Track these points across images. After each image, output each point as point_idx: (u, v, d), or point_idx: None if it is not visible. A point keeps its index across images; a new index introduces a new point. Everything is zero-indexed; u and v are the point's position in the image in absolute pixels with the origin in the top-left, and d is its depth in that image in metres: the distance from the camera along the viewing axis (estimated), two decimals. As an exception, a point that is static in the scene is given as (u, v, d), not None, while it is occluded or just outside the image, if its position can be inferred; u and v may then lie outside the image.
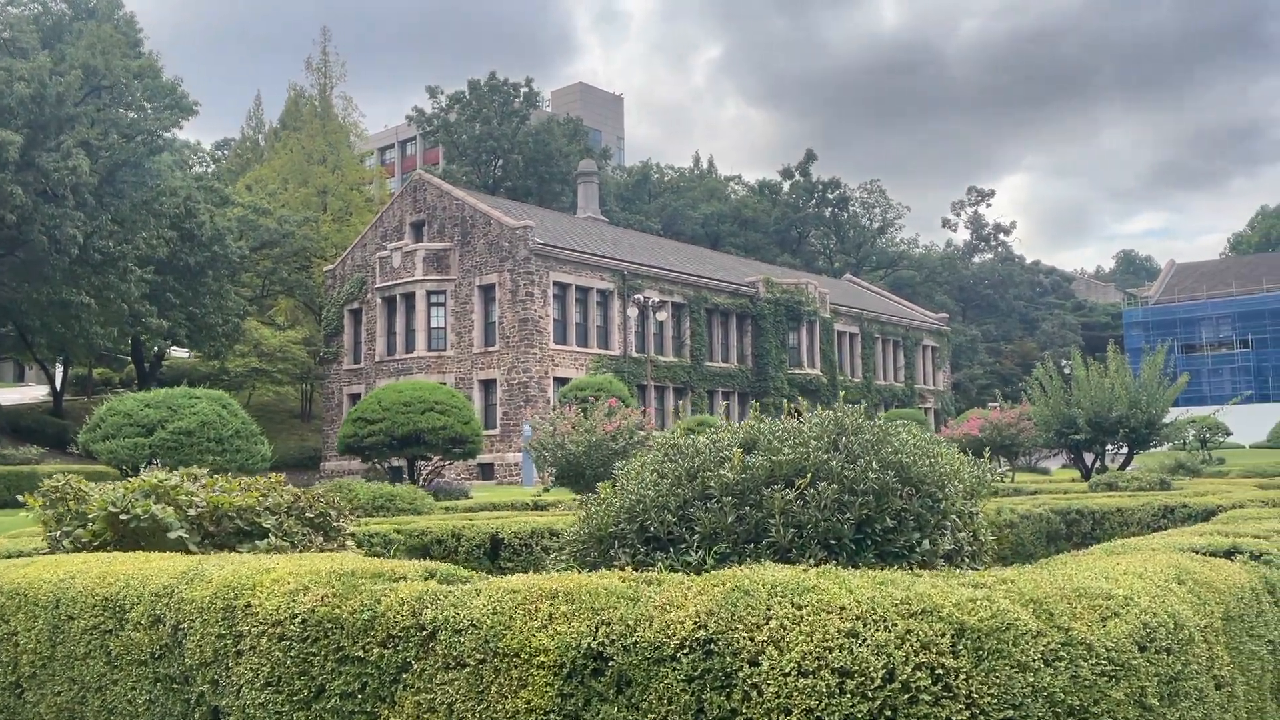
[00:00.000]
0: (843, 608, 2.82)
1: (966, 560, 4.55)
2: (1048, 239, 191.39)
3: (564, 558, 4.65)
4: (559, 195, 70.25)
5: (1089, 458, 30.73)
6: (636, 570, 4.16)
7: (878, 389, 60.69)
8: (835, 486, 4.18)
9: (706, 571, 3.99)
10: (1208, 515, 11.51)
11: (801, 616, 2.81)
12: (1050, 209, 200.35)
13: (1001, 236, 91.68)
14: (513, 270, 42.31)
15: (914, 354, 65.03)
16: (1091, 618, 3.14)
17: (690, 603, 3.00)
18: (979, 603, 2.88)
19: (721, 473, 4.26)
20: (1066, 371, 29.33)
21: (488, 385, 42.81)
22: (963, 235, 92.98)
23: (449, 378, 42.73)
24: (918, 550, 4.21)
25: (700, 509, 4.21)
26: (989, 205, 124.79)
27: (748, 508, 4.17)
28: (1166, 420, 28.77)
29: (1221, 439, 54.63)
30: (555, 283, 43.10)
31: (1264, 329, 70.79)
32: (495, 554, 8.92)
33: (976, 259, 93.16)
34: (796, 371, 53.42)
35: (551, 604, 3.21)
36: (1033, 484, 23.64)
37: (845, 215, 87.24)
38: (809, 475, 4.17)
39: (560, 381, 40.62)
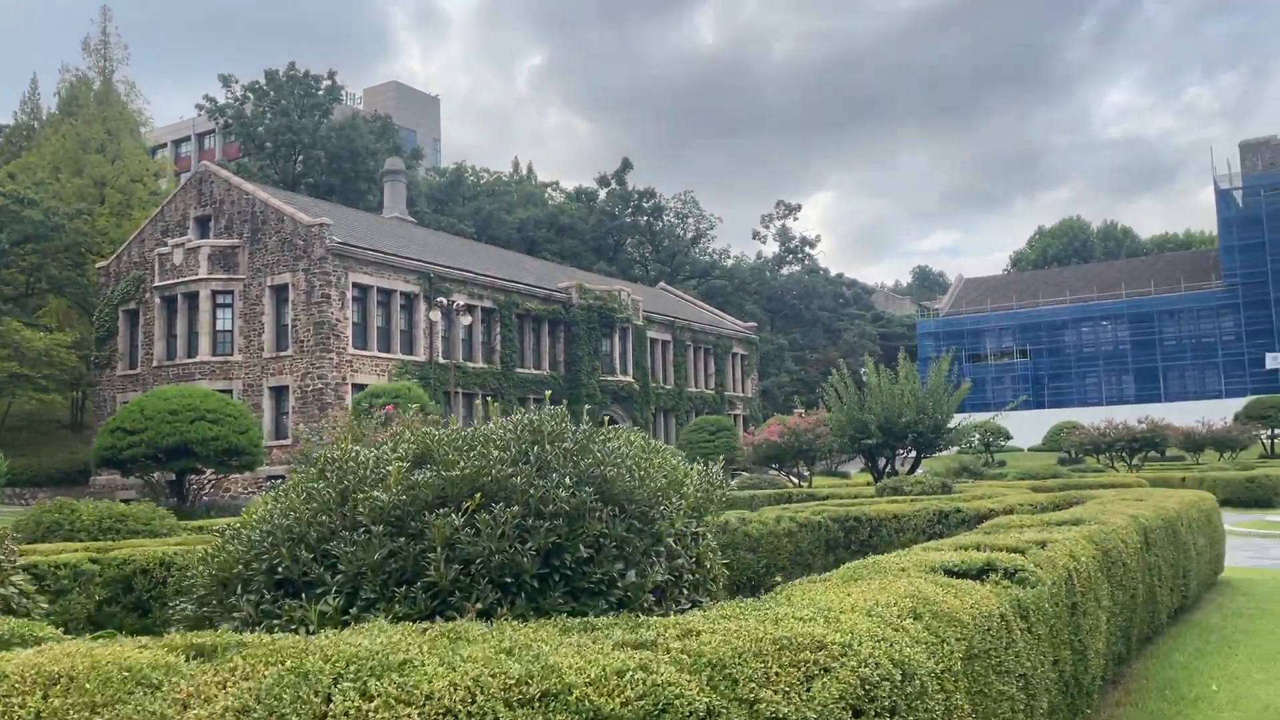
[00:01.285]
0: (429, 696, 1.96)
1: (686, 592, 3.81)
2: (852, 254, 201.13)
3: (188, 606, 3.60)
4: (365, 195, 67.36)
5: (882, 462, 31.65)
6: (261, 622, 3.19)
7: (689, 396, 61.27)
8: (517, 509, 3.33)
9: (349, 623, 3.08)
10: (980, 520, 11.51)
11: (367, 713, 1.93)
12: (854, 225, 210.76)
13: (807, 250, 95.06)
14: (308, 270, 39.84)
15: (724, 361, 66.12)
16: (792, 679, 2.42)
17: (226, 694, 2.07)
18: (628, 677, 2.09)
19: (374, 494, 3.34)
20: (865, 378, 30.07)
21: (279, 392, 40.10)
22: (772, 247, 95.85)
23: (236, 384, 39.76)
24: (619, 585, 3.42)
25: (345, 542, 3.26)
26: (796, 219, 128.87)
27: (404, 538, 3.26)
28: (951, 425, 29.95)
29: (1003, 442, 58.21)
30: (355, 284, 40.90)
31: (1040, 339, 76.14)
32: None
33: (785, 271, 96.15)
34: (609, 378, 53.10)
35: (44, 698, 2.20)
36: (828, 488, 23.93)
37: (660, 225, 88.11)
38: (478, 496, 3.30)
39: (360, 389, 38.52)
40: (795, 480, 32.67)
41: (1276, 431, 52.81)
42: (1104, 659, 6.02)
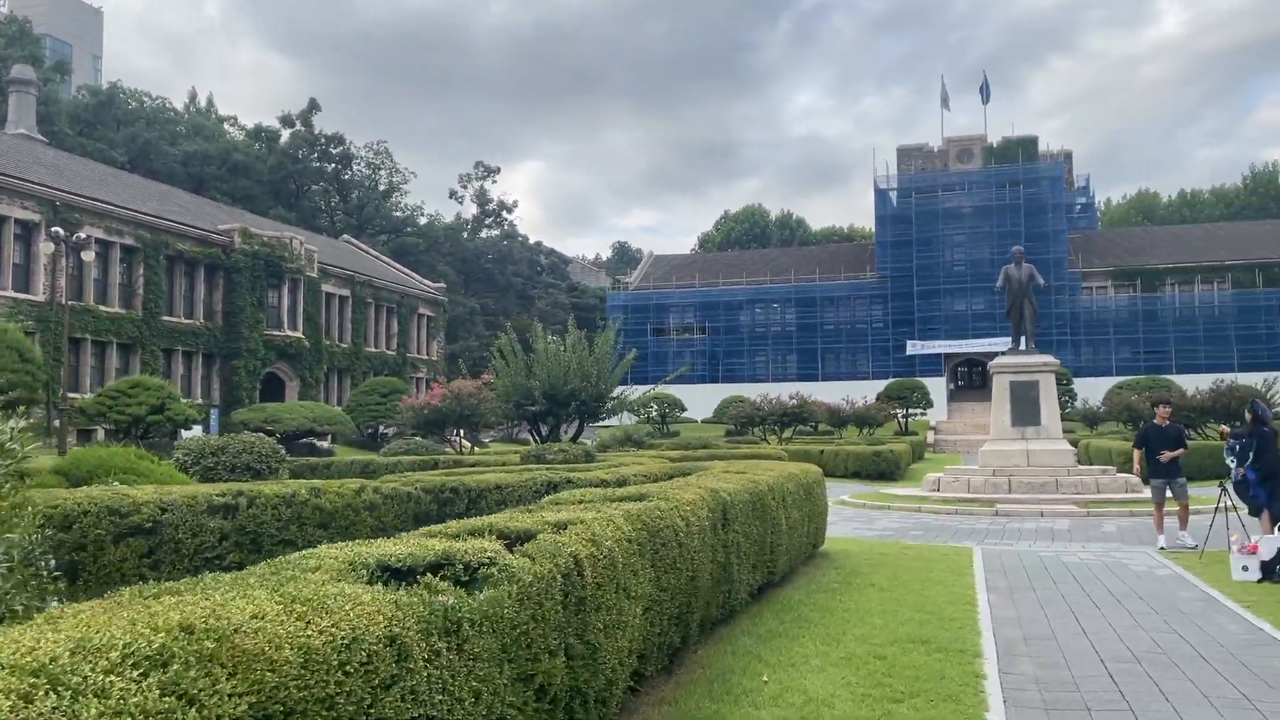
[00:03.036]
0: None
1: None
2: (557, 224, 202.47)
3: None
4: (-11, 105, 57.63)
5: (546, 429, 31.13)
6: None
7: (368, 356, 58.22)
8: None
9: None
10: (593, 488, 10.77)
11: None
12: (561, 197, 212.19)
13: (505, 214, 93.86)
14: (-116, 183, 32.99)
15: (409, 322, 63.53)
16: None
17: None
18: None
19: None
20: (533, 344, 29.35)
21: None
22: (470, 209, 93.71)
23: None
24: None
25: None
26: (495, 181, 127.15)
27: None
28: (615, 394, 29.94)
29: (679, 413, 60.23)
30: (-48, 205, 34.47)
31: (719, 318, 79.89)
32: None
33: (484, 234, 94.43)
34: (276, 333, 49.04)
35: None
36: (475, 456, 22.84)
37: (350, 175, 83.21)
38: None
39: (-50, 329, 32.40)
40: (456, 447, 31.40)
41: (910, 410, 58.58)
42: (632, 657, 5.20)
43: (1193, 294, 69.35)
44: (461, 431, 32.79)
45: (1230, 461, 13.32)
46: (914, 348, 72.15)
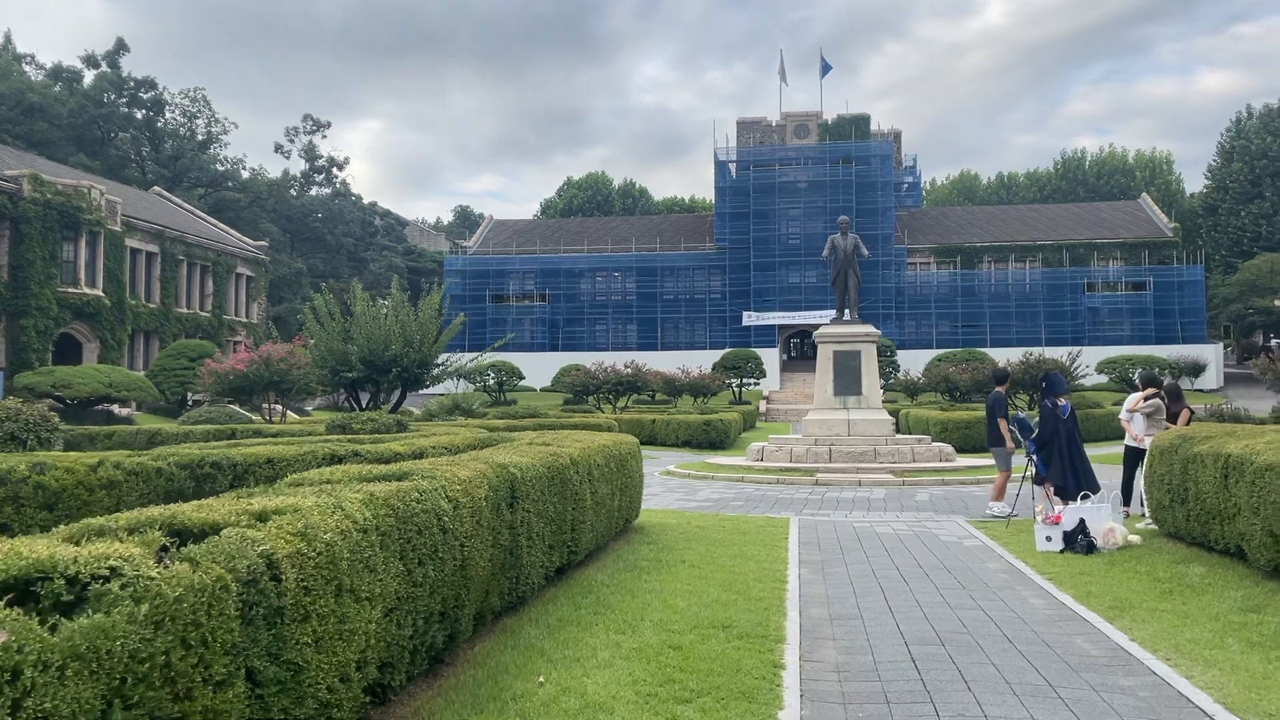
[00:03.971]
0: None
1: None
2: (400, 187, 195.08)
3: None
4: None
5: (366, 398, 29.53)
6: None
7: (179, 317, 54.30)
8: None
9: None
10: (386, 462, 9.78)
11: None
12: (402, 158, 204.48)
13: (336, 171, 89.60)
14: None
15: (226, 282, 59.66)
16: None
17: None
18: None
19: None
20: (351, 306, 27.64)
21: None
22: (299, 165, 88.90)
23: None
24: None
25: None
26: (324, 136, 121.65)
27: None
28: (440, 361, 28.65)
29: (517, 382, 59.05)
30: None
31: (560, 285, 78.91)
32: None
33: (314, 192, 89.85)
34: (72, 290, 44.88)
35: None
36: (277, 426, 21.20)
37: (162, 122, 77.27)
38: None
39: None
40: (267, 416, 29.41)
41: (745, 380, 59.45)
42: (366, 669, 4.33)
43: (1007, 271, 73.21)
44: (278, 400, 30.70)
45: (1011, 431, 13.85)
46: (750, 319, 73.35)
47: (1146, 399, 13.10)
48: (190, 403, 40.42)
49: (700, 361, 58.92)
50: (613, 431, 28.01)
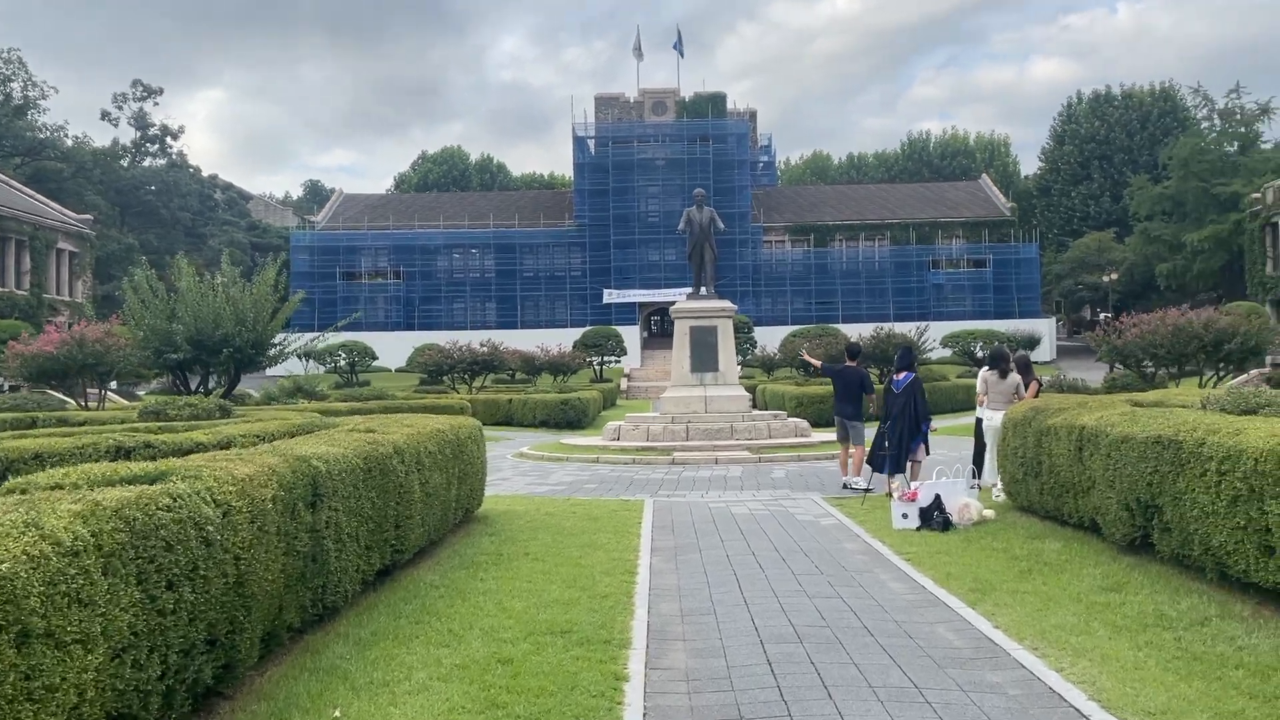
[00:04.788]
0: None
1: None
2: (246, 160, 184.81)
3: None
4: None
5: (196, 381, 27.45)
6: None
7: (-11, 297, 49.71)
8: None
9: None
10: (187, 454, 8.57)
11: None
12: (248, 130, 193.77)
13: (170, 141, 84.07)
14: None
15: (45, 258, 54.99)
16: None
17: None
18: None
19: None
20: (175, 283, 25.47)
21: None
22: (129, 134, 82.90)
23: None
24: None
25: None
26: (156, 104, 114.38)
27: None
28: (277, 341, 26.85)
29: (370, 362, 56.66)
30: None
31: (414, 263, 76.39)
32: None
33: (147, 163, 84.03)
34: None
35: None
36: (85, 414, 19.22)
37: (-32, 83, 70.51)
38: None
39: None
40: (84, 402, 26.96)
41: (606, 358, 58.90)
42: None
43: (858, 249, 75.13)
44: (96, 383, 28.15)
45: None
46: (610, 296, 72.88)
47: (1002, 375, 13.09)
48: (4, 387, 36.91)
49: (561, 340, 58.05)
50: (465, 413, 26.92)
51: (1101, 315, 77.90)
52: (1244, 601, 6.49)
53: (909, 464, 13.03)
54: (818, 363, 16.85)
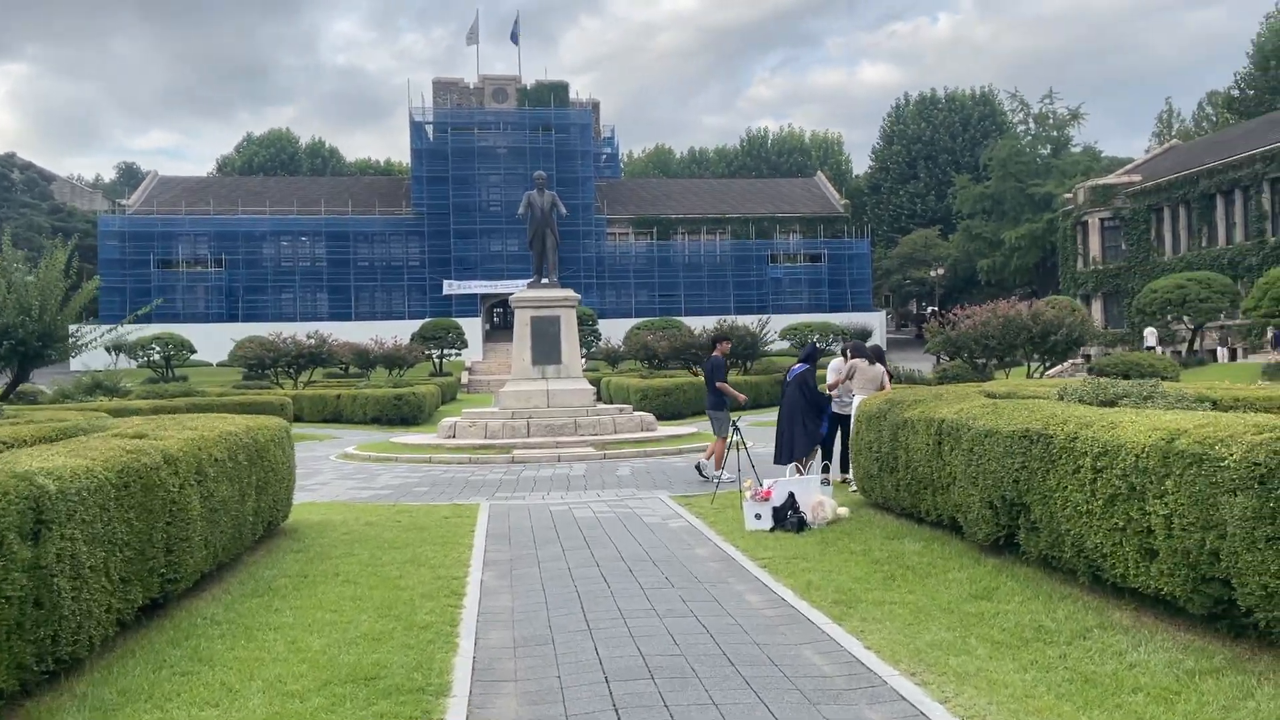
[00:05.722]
0: None
1: None
2: (52, 141, 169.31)
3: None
4: None
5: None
6: None
7: None
8: None
9: None
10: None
11: None
12: (55, 108, 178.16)
13: (-43, 112, 76.18)
14: None
15: None
16: None
17: None
18: None
19: None
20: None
21: None
22: (-96, 102, 74.55)
23: None
24: None
25: None
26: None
27: None
28: (71, 332, 24.13)
29: (189, 355, 52.69)
30: None
31: (238, 250, 71.96)
32: None
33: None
34: None
35: None
36: None
37: None
38: None
39: None
40: None
41: (446, 351, 56.94)
42: None
43: (700, 242, 75.69)
44: None
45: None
46: (450, 287, 70.72)
47: (871, 362, 12.76)
48: None
49: (398, 332, 55.79)
50: (285, 410, 24.97)
51: (929, 309, 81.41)
52: (1121, 608, 6.05)
53: (801, 461, 12.44)
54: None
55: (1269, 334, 39.40)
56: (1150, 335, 42.12)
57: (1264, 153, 45.26)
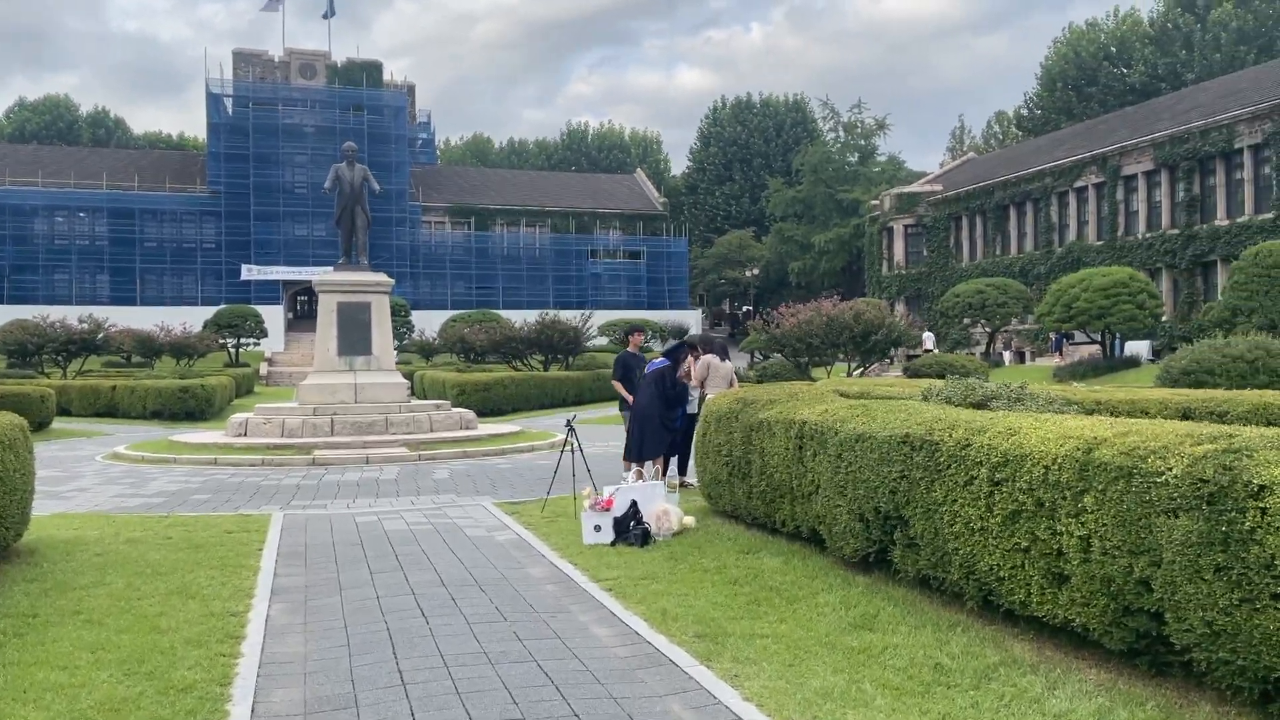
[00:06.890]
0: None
1: None
2: None
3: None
4: None
5: None
6: None
7: None
8: None
9: None
10: None
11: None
12: None
13: None
14: None
15: None
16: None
17: None
18: None
19: None
20: None
21: None
22: None
23: None
24: None
25: None
26: None
27: None
28: None
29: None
30: None
31: (5, 225, 64.91)
32: None
33: None
34: None
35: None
36: None
37: None
38: None
39: None
40: None
41: (243, 340, 53.03)
42: None
43: (519, 235, 74.15)
44: None
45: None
46: (249, 272, 66.07)
47: (723, 358, 12.00)
48: None
49: (189, 318, 51.53)
50: (48, 402, 21.93)
51: (743, 309, 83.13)
52: (1020, 640, 5.38)
53: (653, 461, 11.44)
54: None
55: (1053, 338, 42.10)
56: (928, 339, 42.79)
57: (1052, 168, 48.40)
